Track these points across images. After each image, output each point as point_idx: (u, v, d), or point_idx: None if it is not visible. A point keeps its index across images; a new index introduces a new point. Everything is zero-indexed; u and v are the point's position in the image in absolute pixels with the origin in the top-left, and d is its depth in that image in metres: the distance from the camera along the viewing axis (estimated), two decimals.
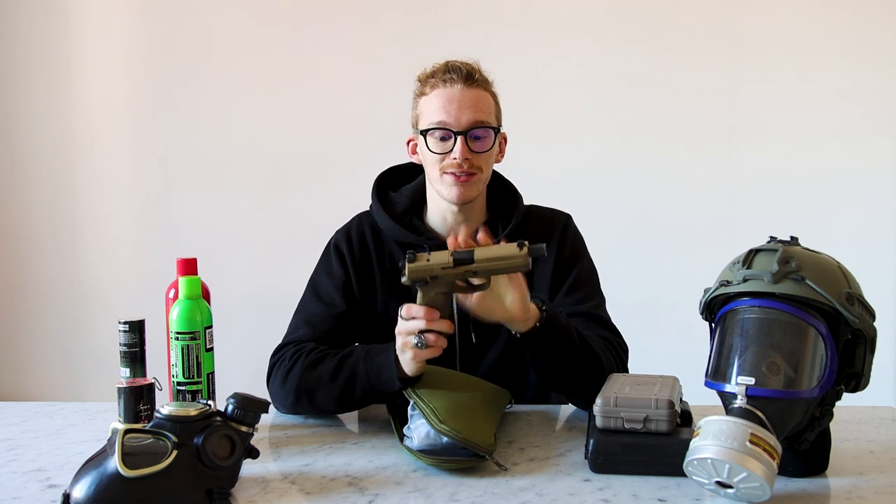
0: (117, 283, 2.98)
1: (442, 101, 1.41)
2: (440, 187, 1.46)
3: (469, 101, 1.41)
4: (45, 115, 2.98)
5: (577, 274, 1.52)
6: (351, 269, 1.51)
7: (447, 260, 1.19)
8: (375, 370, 1.28)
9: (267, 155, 2.92)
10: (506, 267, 1.19)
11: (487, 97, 1.45)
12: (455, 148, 1.40)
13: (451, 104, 1.41)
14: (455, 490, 1.07)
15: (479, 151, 1.43)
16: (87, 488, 0.95)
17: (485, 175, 1.46)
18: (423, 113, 1.45)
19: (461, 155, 1.40)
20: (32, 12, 2.96)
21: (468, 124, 1.41)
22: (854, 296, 1.04)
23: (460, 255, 1.19)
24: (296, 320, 1.50)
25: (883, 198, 2.75)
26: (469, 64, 1.44)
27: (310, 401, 1.36)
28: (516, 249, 1.18)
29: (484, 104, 1.44)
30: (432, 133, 1.42)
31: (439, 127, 1.41)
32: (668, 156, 2.80)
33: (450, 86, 1.42)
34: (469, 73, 1.42)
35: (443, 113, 1.41)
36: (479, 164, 1.43)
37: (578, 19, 2.81)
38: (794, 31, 2.74)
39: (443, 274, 1.19)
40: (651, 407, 1.11)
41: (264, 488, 1.09)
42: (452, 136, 1.41)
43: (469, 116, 1.41)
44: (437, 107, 1.42)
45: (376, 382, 1.29)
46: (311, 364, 1.36)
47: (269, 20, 2.90)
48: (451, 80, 1.42)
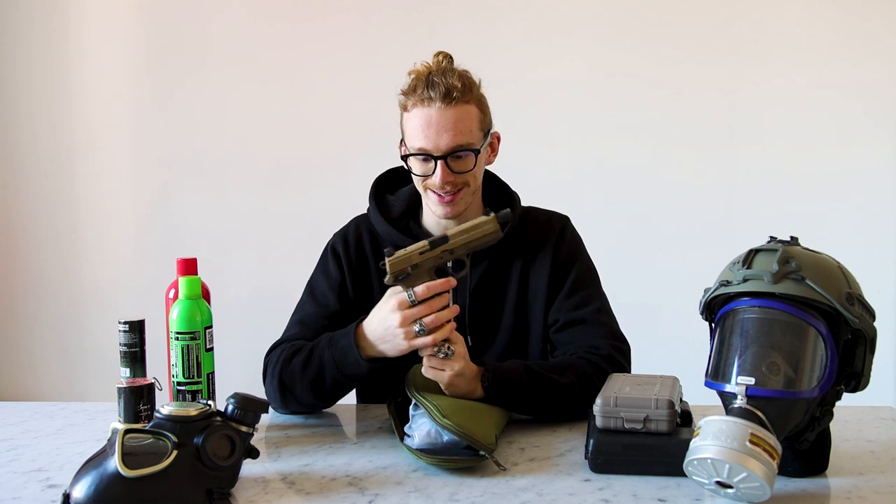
0: (117, 283, 2.98)
1: (421, 123, 1.40)
2: (427, 202, 1.48)
3: (447, 124, 1.39)
4: (45, 116, 2.98)
5: (575, 276, 1.52)
6: (347, 271, 1.52)
7: (423, 244, 1.27)
8: (340, 355, 1.32)
9: (267, 155, 2.92)
10: (479, 236, 1.28)
11: (468, 112, 1.41)
12: (436, 172, 1.40)
13: (430, 128, 1.39)
14: (455, 490, 1.07)
15: (461, 172, 1.42)
16: (87, 488, 0.95)
17: (472, 188, 1.46)
18: (406, 133, 1.45)
19: (441, 179, 1.40)
20: (32, 12, 2.96)
21: (447, 149, 1.39)
22: (854, 296, 1.04)
23: (435, 238, 1.28)
24: (291, 321, 1.53)
25: (883, 198, 2.75)
26: (449, 79, 1.39)
27: (292, 394, 1.39)
28: (484, 218, 1.29)
29: (464, 123, 1.40)
30: (415, 156, 1.43)
31: (419, 153, 1.41)
32: (667, 155, 2.80)
33: (428, 106, 1.39)
34: (447, 91, 1.38)
35: (422, 138, 1.40)
36: (464, 181, 1.43)
37: (578, 19, 2.81)
38: (794, 30, 2.74)
39: (422, 260, 1.26)
40: (651, 407, 1.11)
41: (264, 488, 1.09)
42: (433, 160, 1.41)
43: (448, 140, 1.39)
44: (417, 128, 1.40)
45: (343, 367, 1.32)
46: (287, 359, 1.39)
47: (269, 21, 2.90)
48: (429, 98, 1.39)
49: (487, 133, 1.47)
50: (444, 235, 1.28)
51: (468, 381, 1.28)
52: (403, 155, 1.46)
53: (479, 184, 1.50)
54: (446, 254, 1.27)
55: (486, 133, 1.46)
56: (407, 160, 1.45)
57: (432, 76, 1.40)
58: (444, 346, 1.24)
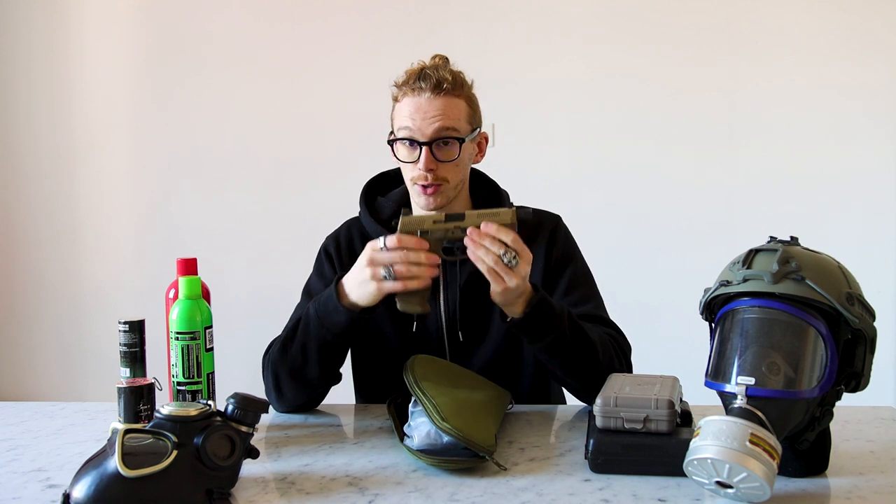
0: (117, 283, 2.98)
1: (410, 110, 1.42)
2: (412, 194, 1.48)
3: (435, 112, 1.41)
4: (45, 115, 2.98)
5: (571, 275, 1.52)
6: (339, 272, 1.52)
7: (440, 215, 1.29)
8: (322, 308, 1.34)
9: (267, 155, 2.92)
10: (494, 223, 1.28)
11: (457, 104, 1.43)
12: (420, 158, 1.42)
13: (417, 113, 1.41)
14: (455, 490, 1.07)
15: (445, 160, 1.43)
16: (87, 488, 0.95)
17: (452, 184, 1.46)
18: (395, 121, 1.47)
19: (425, 165, 1.41)
20: (32, 12, 2.96)
21: (432, 134, 1.41)
22: (854, 296, 1.04)
23: (452, 213, 1.30)
24: (288, 321, 1.52)
25: (883, 198, 2.75)
26: (441, 72, 1.42)
27: (283, 366, 1.39)
28: (504, 209, 1.29)
29: (452, 112, 1.42)
30: (401, 141, 1.44)
31: (405, 137, 1.43)
32: (667, 155, 2.80)
33: (418, 94, 1.42)
34: (438, 81, 1.41)
35: (409, 122, 1.42)
36: (445, 175, 1.43)
37: (578, 19, 2.81)
38: (794, 30, 2.75)
39: (433, 228, 1.28)
40: (651, 407, 1.11)
41: (264, 488, 1.09)
42: (418, 147, 1.42)
43: (433, 126, 1.41)
44: (405, 115, 1.43)
45: (325, 318, 1.33)
46: (278, 340, 1.43)
47: (269, 21, 2.90)
48: (419, 88, 1.42)
49: (475, 130, 1.48)
50: (462, 213, 1.29)
51: (516, 296, 1.28)
52: (390, 140, 1.46)
53: (463, 180, 1.50)
54: (458, 230, 1.28)
55: (474, 130, 1.48)
56: (394, 145, 1.45)
57: (425, 70, 1.43)
58: (509, 252, 1.24)
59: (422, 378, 1.25)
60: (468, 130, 1.46)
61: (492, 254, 1.24)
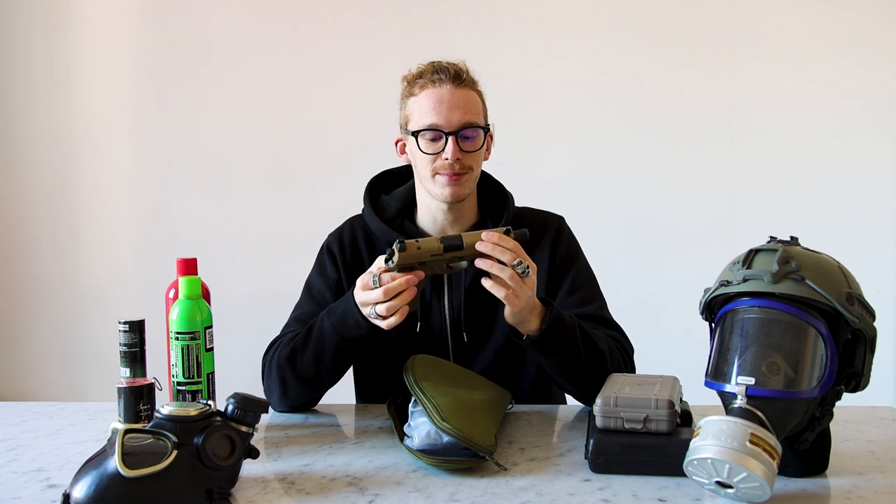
0: (117, 283, 2.97)
1: (432, 101, 1.42)
2: (432, 187, 1.47)
3: (459, 102, 1.42)
4: (45, 116, 2.98)
5: (574, 276, 1.52)
6: (342, 271, 1.54)
7: (437, 247, 1.26)
8: (339, 320, 1.33)
9: (267, 155, 2.92)
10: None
11: (475, 97, 1.47)
12: (447, 148, 1.42)
13: (442, 105, 1.42)
14: (455, 490, 1.07)
15: (470, 151, 1.44)
16: (87, 488, 0.95)
17: (475, 173, 1.48)
18: (413, 114, 1.46)
19: (452, 155, 1.41)
20: (32, 12, 2.96)
21: (459, 124, 1.42)
22: (854, 296, 1.04)
23: (450, 241, 1.27)
24: (289, 319, 1.54)
25: (883, 198, 2.74)
26: (456, 64, 1.45)
27: (293, 373, 1.39)
28: (501, 230, 1.29)
29: (473, 104, 1.45)
30: (423, 134, 1.43)
31: (430, 128, 1.42)
32: (667, 156, 2.80)
33: (439, 86, 1.43)
34: (457, 73, 1.44)
35: (433, 114, 1.42)
36: (470, 164, 1.45)
37: (578, 19, 2.81)
38: (795, 31, 2.74)
39: (431, 261, 1.26)
40: (651, 407, 1.11)
41: (264, 488, 1.09)
42: (443, 137, 1.42)
43: (459, 117, 1.42)
44: (428, 108, 1.43)
45: (342, 331, 1.33)
46: (286, 343, 1.42)
47: (270, 21, 2.90)
48: (439, 80, 1.43)
49: (487, 128, 1.49)
50: (459, 238, 1.27)
51: (528, 310, 1.28)
52: (413, 131, 1.44)
53: (479, 174, 1.51)
54: (455, 259, 1.28)
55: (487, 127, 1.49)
56: (417, 137, 1.44)
57: (439, 62, 1.45)
58: (521, 263, 1.24)
59: (422, 378, 1.25)
60: (485, 123, 1.48)
61: (507, 269, 1.23)
